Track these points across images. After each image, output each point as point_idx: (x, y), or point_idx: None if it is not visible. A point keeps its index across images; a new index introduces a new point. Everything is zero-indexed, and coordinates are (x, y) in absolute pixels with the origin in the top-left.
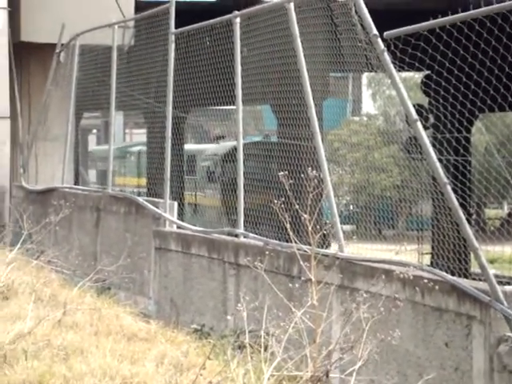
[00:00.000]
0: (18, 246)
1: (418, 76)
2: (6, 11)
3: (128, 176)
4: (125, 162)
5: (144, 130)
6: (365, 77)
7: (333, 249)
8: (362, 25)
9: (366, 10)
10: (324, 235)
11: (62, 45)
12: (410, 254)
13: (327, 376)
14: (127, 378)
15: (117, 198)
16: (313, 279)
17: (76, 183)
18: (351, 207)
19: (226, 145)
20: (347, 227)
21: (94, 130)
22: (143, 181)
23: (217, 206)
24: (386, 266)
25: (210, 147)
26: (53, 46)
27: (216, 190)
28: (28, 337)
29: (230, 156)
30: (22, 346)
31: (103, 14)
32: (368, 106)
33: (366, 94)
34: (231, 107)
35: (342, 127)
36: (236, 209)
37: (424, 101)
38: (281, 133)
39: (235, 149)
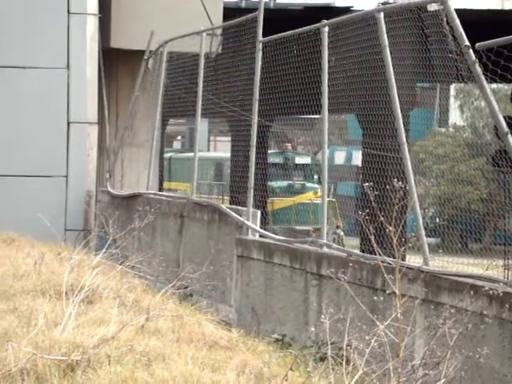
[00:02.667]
0: (103, 251)
1: (507, 88)
2: (96, 17)
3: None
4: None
5: (228, 138)
6: (452, 87)
7: (416, 261)
8: (453, 35)
9: (457, 21)
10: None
11: (151, 52)
12: (496, 269)
13: None
14: None
15: (200, 205)
16: (397, 292)
17: (160, 189)
18: (437, 220)
19: None
20: (431, 240)
21: (179, 137)
22: (173, 184)
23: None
24: (472, 281)
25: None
26: (141, 52)
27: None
28: (111, 341)
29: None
30: (106, 350)
31: (191, 22)
32: (455, 117)
33: (454, 104)
34: (316, 116)
35: (427, 138)
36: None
37: None
38: (366, 143)
39: None
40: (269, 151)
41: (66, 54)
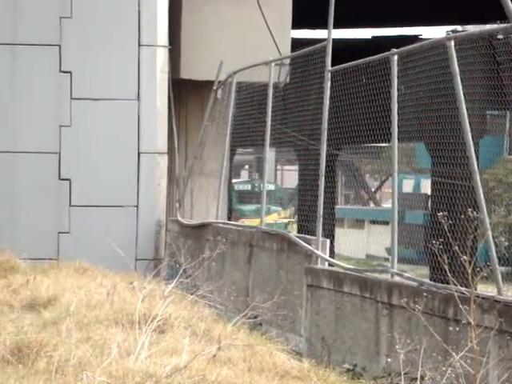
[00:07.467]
0: (175, 280)
1: None
2: (166, 49)
3: None
4: None
5: (295, 167)
6: None
7: (490, 291)
8: None
9: None
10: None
11: (220, 82)
12: None
13: None
14: None
15: (269, 234)
16: (472, 323)
17: (229, 218)
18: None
19: None
20: (502, 269)
21: (246, 166)
22: None
23: None
24: None
25: None
26: (211, 83)
27: None
28: (184, 371)
29: None
30: (178, 380)
31: (260, 52)
32: None
33: None
34: (383, 144)
35: (498, 166)
36: None
37: None
38: (435, 171)
39: None
40: (236, 180)
41: (137, 85)
